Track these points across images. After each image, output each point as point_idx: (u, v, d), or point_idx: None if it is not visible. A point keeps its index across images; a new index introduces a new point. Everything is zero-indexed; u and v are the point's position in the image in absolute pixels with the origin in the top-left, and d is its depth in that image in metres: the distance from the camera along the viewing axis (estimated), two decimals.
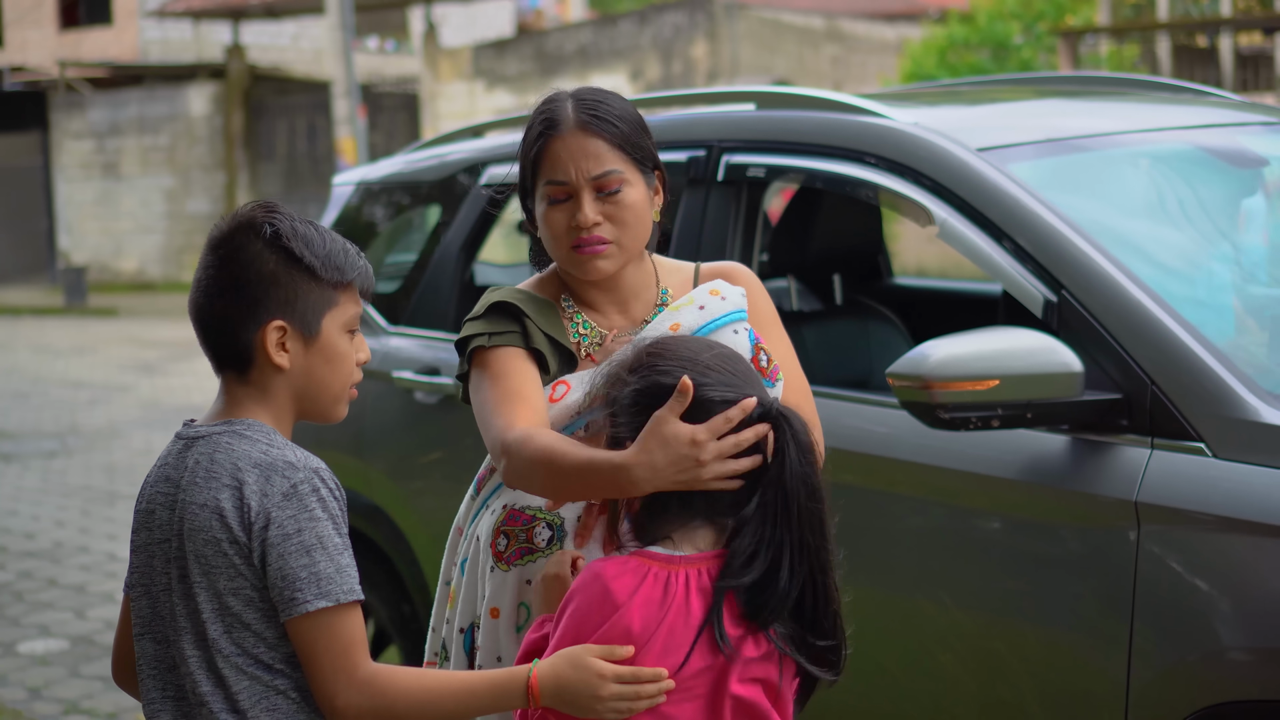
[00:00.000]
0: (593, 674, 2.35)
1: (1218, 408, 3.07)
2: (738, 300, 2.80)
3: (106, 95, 31.60)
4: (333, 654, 2.36)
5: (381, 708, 2.37)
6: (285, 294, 2.47)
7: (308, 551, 2.36)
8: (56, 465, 11.38)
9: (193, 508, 2.42)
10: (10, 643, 6.79)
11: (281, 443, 2.46)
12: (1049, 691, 3.26)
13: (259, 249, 2.47)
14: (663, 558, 2.41)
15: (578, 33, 27.86)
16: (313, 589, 2.35)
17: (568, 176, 2.75)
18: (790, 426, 2.40)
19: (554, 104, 2.81)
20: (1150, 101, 4.52)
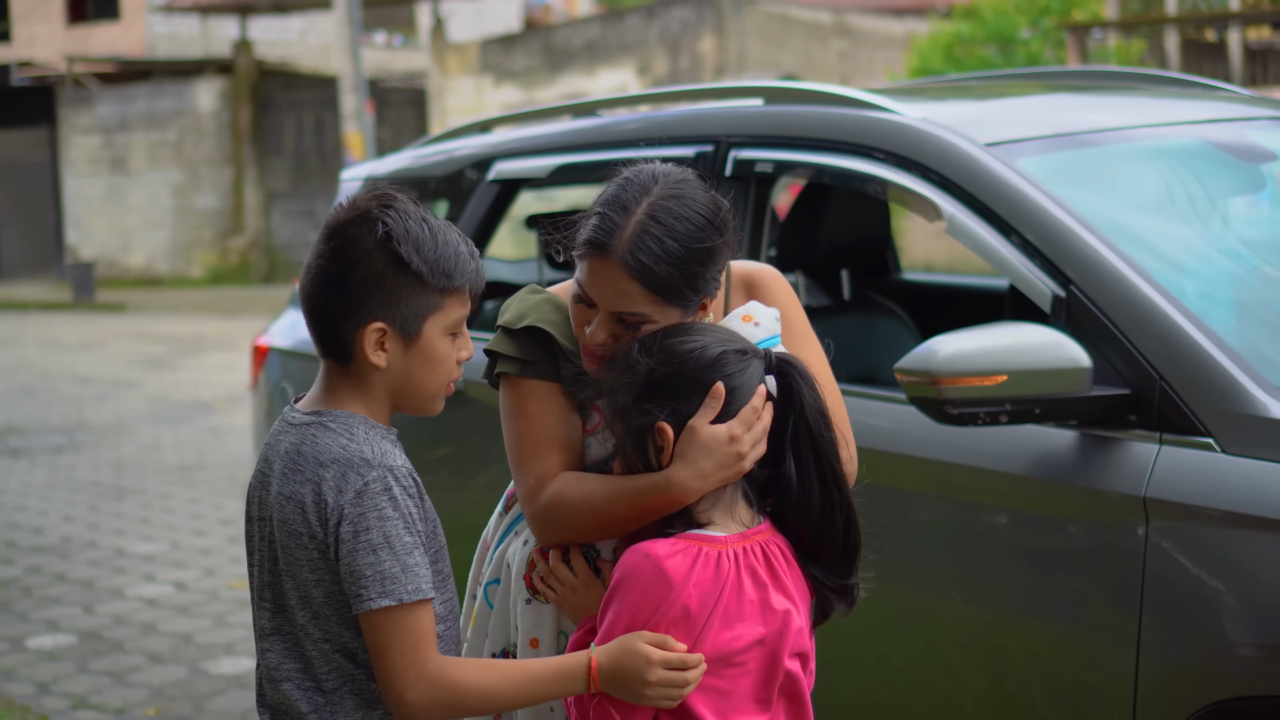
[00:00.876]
0: (641, 659, 2.39)
1: (1226, 403, 3.06)
2: (771, 325, 2.71)
3: (114, 90, 31.64)
4: (401, 649, 2.40)
5: (450, 700, 2.42)
6: (389, 297, 2.47)
7: (374, 550, 2.39)
8: (64, 460, 11.39)
9: (280, 498, 2.48)
10: (18, 638, 6.80)
11: (364, 437, 2.48)
12: (1057, 686, 3.25)
13: (369, 247, 2.47)
14: (710, 538, 2.46)
15: (585, 27, 27.86)
16: (376, 587, 2.38)
17: (594, 297, 2.61)
18: (794, 368, 2.53)
19: (620, 212, 2.57)
20: (1158, 96, 4.51)
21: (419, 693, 2.40)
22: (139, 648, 6.60)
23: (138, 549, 8.42)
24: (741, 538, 2.48)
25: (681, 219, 2.56)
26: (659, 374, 2.47)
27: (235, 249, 30.40)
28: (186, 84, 31.02)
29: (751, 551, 2.48)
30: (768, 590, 2.47)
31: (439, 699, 2.41)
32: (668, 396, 2.47)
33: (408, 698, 2.40)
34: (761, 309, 2.74)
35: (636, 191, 2.58)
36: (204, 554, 8.24)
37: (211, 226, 30.83)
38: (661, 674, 2.39)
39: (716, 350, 2.48)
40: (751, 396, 2.49)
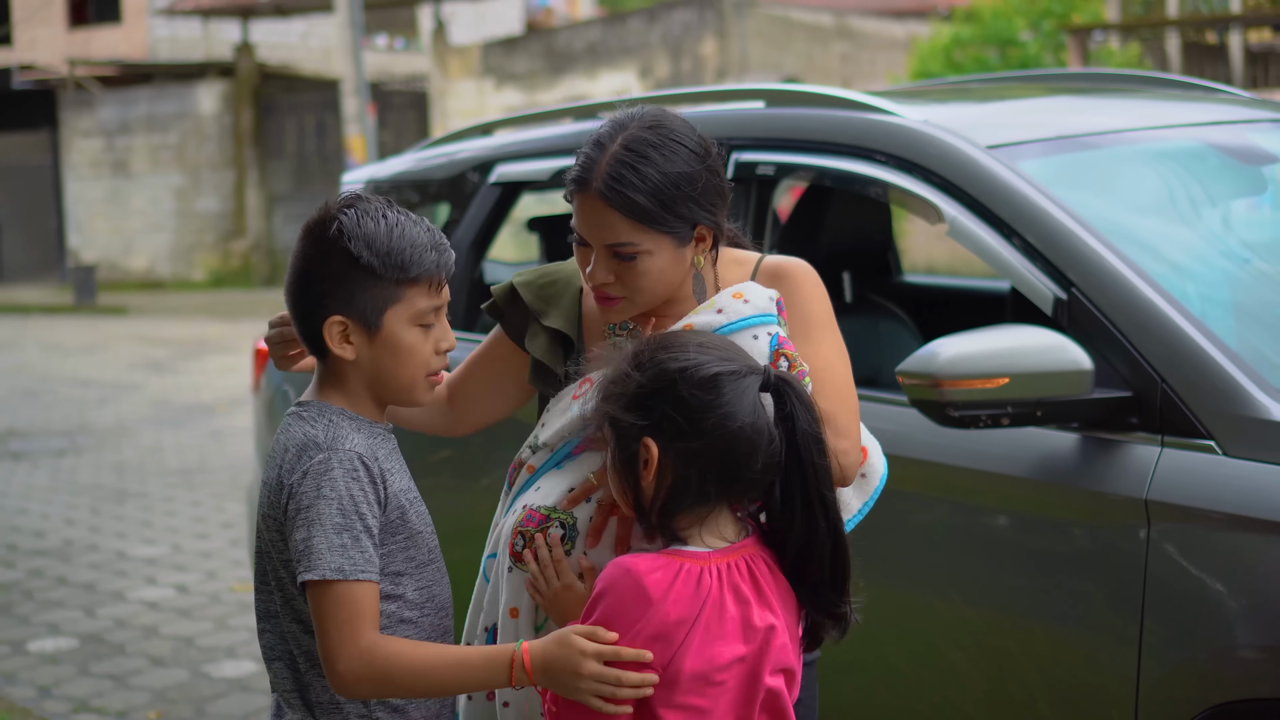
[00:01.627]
0: (574, 650, 2.38)
1: (1228, 405, 3.06)
2: (763, 304, 2.73)
3: (116, 93, 31.65)
4: (334, 623, 2.48)
5: (378, 674, 2.47)
6: (344, 291, 2.58)
7: (308, 526, 2.50)
8: (66, 464, 11.40)
9: (261, 486, 2.63)
10: (20, 641, 6.80)
11: (326, 424, 2.59)
12: (1058, 689, 3.25)
13: (326, 246, 2.58)
14: (692, 554, 2.43)
15: (587, 30, 27.88)
16: (305, 562, 2.49)
17: (585, 236, 2.71)
18: (792, 389, 2.47)
19: (599, 149, 2.69)
20: (1160, 98, 4.51)
21: (349, 665, 2.47)
22: (140, 651, 6.60)
23: (139, 552, 8.42)
24: (725, 553, 2.45)
25: (657, 147, 2.66)
26: (647, 390, 2.44)
27: (237, 252, 30.40)
28: (188, 87, 31.03)
29: (735, 567, 2.44)
30: (750, 607, 2.43)
31: (368, 673, 2.47)
32: (655, 413, 2.43)
33: (338, 669, 2.47)
34: (755, 288, 2.75)
35: (614, 129, 2.70)
36: (205, 557, 8.24)
37: (213, 229, 30.84)
38: (594, 668, 2.37)
39: (711, 370, 2.42)
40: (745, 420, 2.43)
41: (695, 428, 2.41)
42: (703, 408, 2.41)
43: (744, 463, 2.42)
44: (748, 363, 2.47)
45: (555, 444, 2.77)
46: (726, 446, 2.41)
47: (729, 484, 2.44)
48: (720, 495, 2.46)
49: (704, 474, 2.42)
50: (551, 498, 2.72)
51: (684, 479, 2.43)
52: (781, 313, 2.76)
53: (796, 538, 2.48)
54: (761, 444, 2.42)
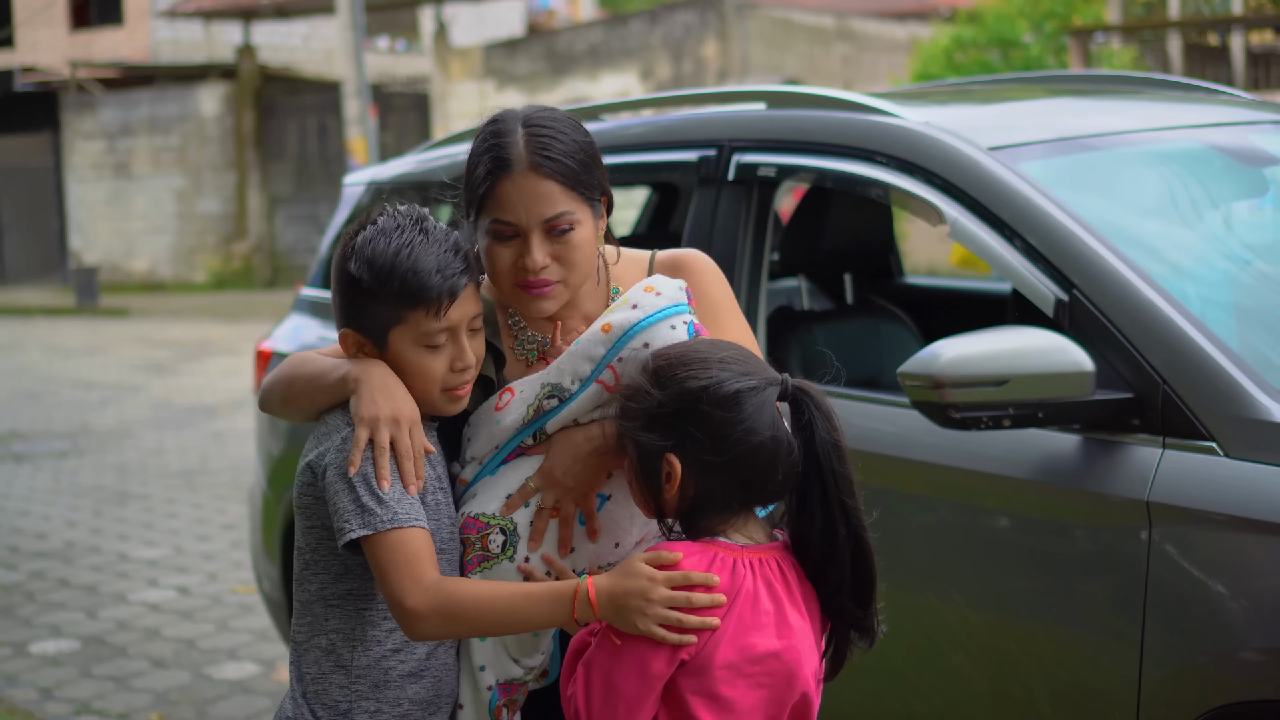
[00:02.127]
0: (644, 577, 2.39)
1: (1229, 407, 3.06)
2: (674, 294, 2.75)
3: (118, 95, 31.66)
4: (395, 566, 2.51)
5: (444, 608, 2.50)
6: (350, 308, 2.67)
7: (352, 488, 2.55)
8: (68, 465, 11.40)
9: (300, 464, 2.70)
10: (22, 643, 6.80)
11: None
12: (1060, 690, 3.25)
13: (339, 261, 2.67)
14: (725, 545, 2.45)
15: (588, 32, 27.88)
16: (358, 519, 2.54)
17: (517, 219, 2.67)
18: (811, 398, 2.49)
19: (504, 137, 2.69)
20: (1161, 100, 4.51)
21: (417, 600, 2.49)
22: (142, 653, 6.60)
23: (141, 554, 8.42)
24: (755, 549, 2.47)
25: (557, 120, 2.72)
26: (669, 409, 2.45)
27: (238, 254, 30.40)
28: (190, 89, 31.03)
29: (767, 564, 2.46)
30: (784, 605, 2.45)
31: (437, 606, 2.49)
32: (677, 432, 2.44)
33: (408, 605, 2.50)
34: (665, 281, 2.77)
35: (508, 119, 2.72)
36: (207, 559, 8.24)
37: (215, 231, 30.85)
38: (665, 592, 2.38)
39: (732, 387, 2.43)
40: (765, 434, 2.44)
41: (717, 445, 2.42)
42: (724, 424, 2.42)
43: (766, 475, 2.45)
44: (766, 374, 2.49)
45: (484, 455, 2.77)
46: (749, 461, 2.43)
47: (752, 494, 2.48)
48: (744, 504, 2.49)
49: (728, 486, 2.45)
50: (491, 505, 2.72)
51: (707, 491, 2.46)
52: (690, 301, 2.78)
53: (816, 544, 2.49)
54: (782, 455, 2.45)
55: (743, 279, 4.04)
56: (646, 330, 2.68)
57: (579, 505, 2.71)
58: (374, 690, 2.67)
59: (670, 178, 4.90)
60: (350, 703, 2.66)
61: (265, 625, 6.81)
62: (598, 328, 2.70)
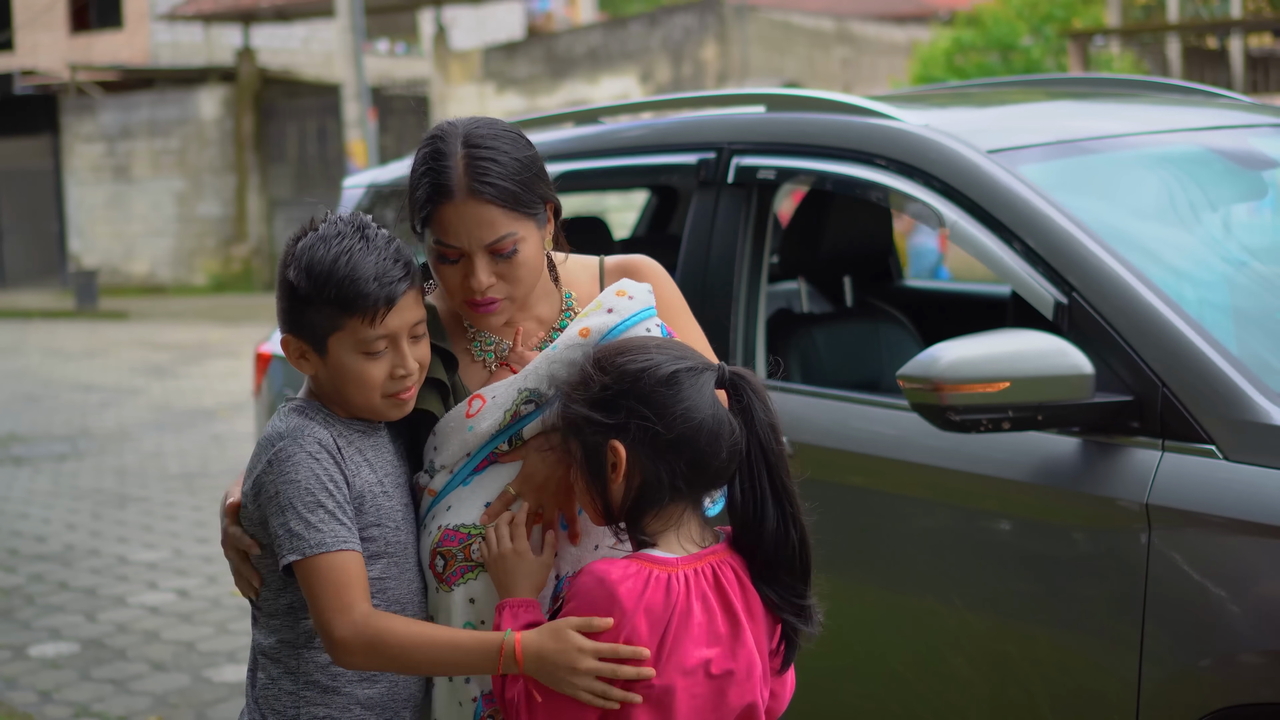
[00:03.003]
0: (572, 647, 2.39)
1: (1229, 410, 3.06)
2: (645, 298, 2.76)
3: (117, 98, 31.65)
4: (325, 594, 2.53)
5: (371, 644, 2.51)
6: (290, 314, 2.66)
7: (280, 511, 2.56)
8: (67, 468, 11.40)
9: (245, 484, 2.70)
10: (21, 646, 6.80)
11: (296, 418, 2.65)
12: (1060, 694, 3.25)
13: (280, 267, 2.67)
14: (661, 560, 2.45)
15: (587, 35, 27.88)
16: (288, 544, 2.55)
17: (460, 243, 2.66)
18: (747, 382, 2.52)
19: (443, 160, 2.67)
20: (1160, 103, 4.51)
21: (343, 633, 2.50)
22: (141, 655, 6.60)
23: (140, 557, 8.42)
24: (692, 559, 2.47)
25: (496, 137, 2.69)
26: (611, 390, 2.47)
27: (238, 256, 30.41)
28: (189, 92, 31.03)
29: (702, 574, 2.46)
30: (715, 616, 2.45)
31: (361, 642, 2.50)
32: (621, 413, 2.46)
33: (335, 636, 2.51)
34: (634, 284, 2.78)
35: (447, 138, 2.69)
36: (206, 561, 8.24)
37: (214, 234, 30.84)
38: (592, 664, 2.38)
39: (670, 369, 2.47)
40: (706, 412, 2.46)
41: (661, 423, 2.44)
42: (665, 403, 2.44)
43: (709, 452, 2.46)
44: (701, 360, 2.52)
45: (455, 463, 2.75)
46: (691, 439, 2.44)
47: (696, 475, 2.47)
48: (690, 489, 2.48)
49: (673, 468, 2.45)
50: (470, 514, 2.71)
51: (654, 477, 2.46)
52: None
53: (768, 528, 2.49)
54: (724, 433, 2.47)
55: (742, 281, 4.05)
56: (625, 333, 2.68)
57: (561, 509, 2.70)
58: (322, 696, 2.67)
59: (669, 180, 4.91)
60: (298, 709, 2.67)
61: None
62: (574, 332, 2.70)
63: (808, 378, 4.57)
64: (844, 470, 3.74)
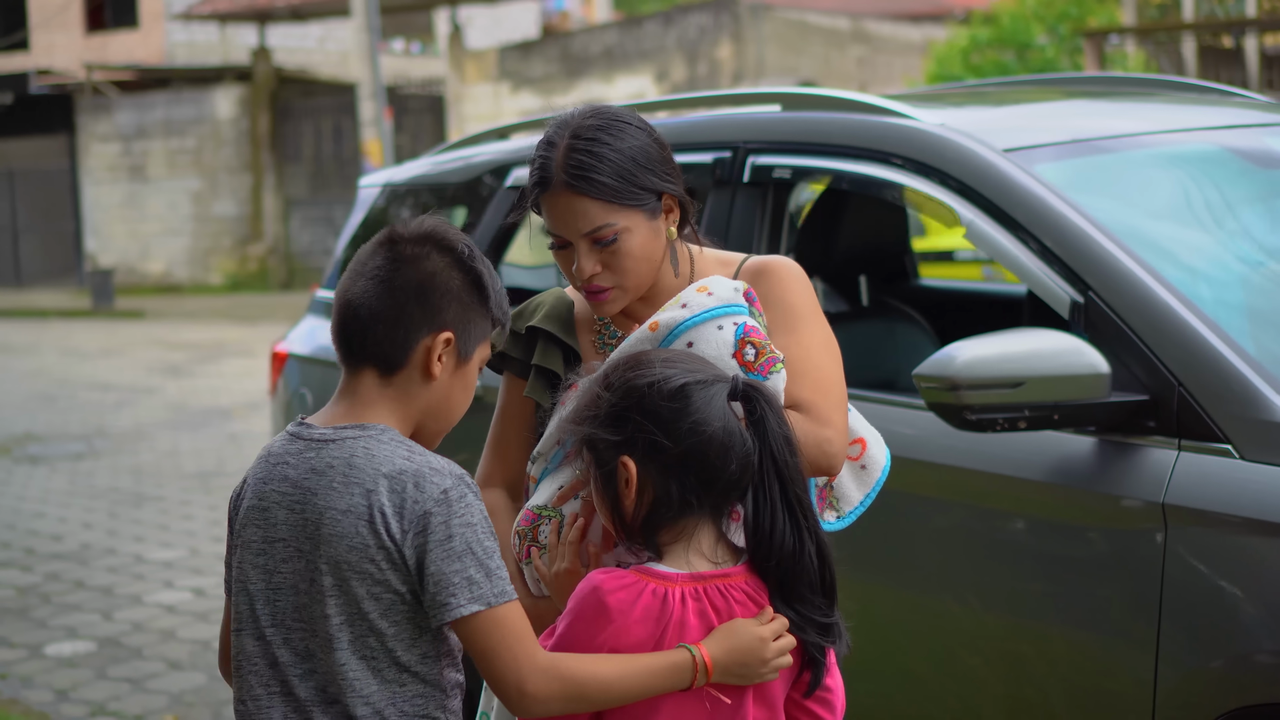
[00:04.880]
0: (755, 638, 2.43)
1: (1245, 409, 3.06)
2: (728, 295, 2.72)
3: (133, 98, 31.72)
4: (507, 646, 2.39)
5: (571, 691, 2.40)
6: (464, 313, 2.52)
7: (459, 557, 2.38)
8: (84, 467, 11.42)
9: (332, 513, 2.42)
10: (37, 645, 6.82)
11: (419, 449, 2.47)
12: (1075, 693, 3.25)
13: (447, 263, 2.51)
14: (660, 574, 2.44)
15: (603, 34, 27.89)
16: (465, 593, 2.37)
17: (561, 232, 2.74)
18: (760, 395, 2.48)
19: (549, 150, 2.74)
20: (1176, 102, 4.50)
21: (538, 684, 2.38)
22: (158, 654, 6.61)
23: (156, 555, 8.44)
24: (694, 578, 2.44)
25: (603, 129, 2.74)
26: (619, 407, 2.46)
27: (254, 256, 30.46)
28: (205, 91, 31.09)
29: (706, 594, 2.44)
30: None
31: (559, 689, 2.39)
32: (629, 428, 2.44)
33: (528, 690, 2.38)
34: (722, 281, 2.75)
35: (559, 128, 2.76)
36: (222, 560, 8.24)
37: (230, 233, 30.89)
38: (776, 645, 2.43)
39: (679, 381, 2.44)
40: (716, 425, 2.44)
41: (669, 437, 2.42)
42: (674, 416, 2.42)
43: (720, 465, 2.43)
44: (714, 373, 2.50)
45: (548, 451, 2.79)
46: (700, 451, 2.42)
47: (707, 489, 2.45)
48: (702, 503, 2.46)
49: (683, 482, 2.43)
50: (544, 497, 2.74)
51: (664, 492, 2.44)
52: (755, 304, 2.76)
53: (784, 542, 2.46)
54: (735, 445, 2.44)
55: None
56: (692, 329, 2.66)
57: None
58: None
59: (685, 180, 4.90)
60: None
61: None
62: (646, 325, 2.71)
63: None
64: None
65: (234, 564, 2.58)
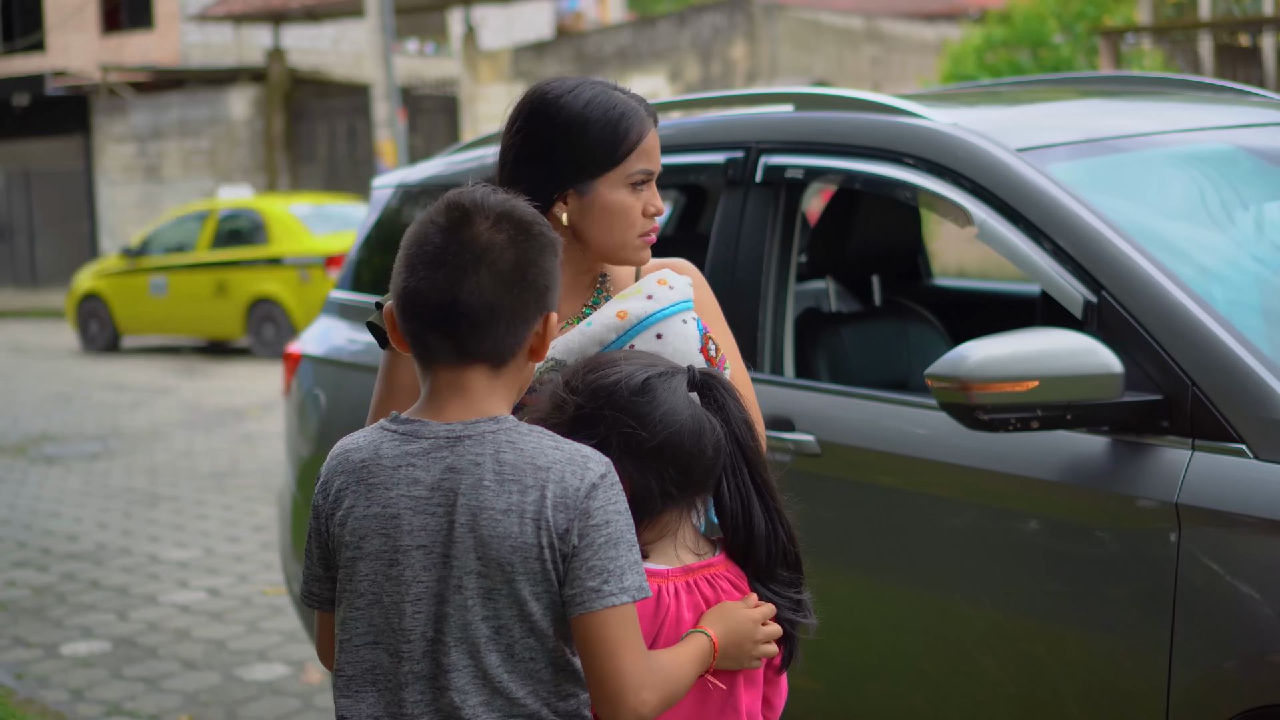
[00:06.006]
0: (748, 619, 2.44)
1: (1259, 409, 3.05)
2: (685, 290, 2.78)
3: (148, 99, 31.78)
4: (634, 644, 2.29)
5: (669, 690, 2.34)
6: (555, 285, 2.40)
7: (615, 544, 2.29)
8: (99, 467, 11.45)
9: (489, 513, 2.28)
10: (53, 644, 6.83)
11: (560, 437, 2.36)
12: (1089, 694, 3.24)
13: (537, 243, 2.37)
14: (653, 571, 2.44)
15: (617, 34, 27.89)
16: (617, 582, 2.27)
17: (654, 167, 2.77)
18: (718, 381, 2.52)
19: (626, 96, 2.77)
20: (1191, 101, 4.49)
21: (655, 690, 2.31)
22: (173, 654, 6.62)
23: (171, 555, 8.45)
24: (684, 571, 2.47)
25: None
26: (587, 409, 2.45)
27: None
28: (220, 92, 31.14)
29: (696, 586, 2.46)
30: None
31: (664, 691, 2.33)
32: (601, 428, 2.43)
33: (645, 696, 2.29)
34: (676, 276, 2.81)
35: (605, 81, 2.81)
36: (237, 560, 8.27)
37: None
38: (766, 630, 2.45)
39: (641, 377, 2.45)
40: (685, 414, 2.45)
41: (645, 429, 2.43)
42: (645, 410, 2.43)
43: (695, 452, 2.45)
44: (669, 365, 2.52)
45: None
46: (675, 441, 2.43)
47: (686, 477, 2.46)
48: (682, 493, 2.47)
49: (662, 474, 2.44)
50: None
51: (643, 487, 2.44)
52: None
53: (758, 523, 2.50)
54: (706, 431, 2.46)
55: (770, 281, 4.04)
56: (661, 321, 2.70)
57: None
58: None
59: (698, 180, 4.90)
60: None
61: (295, 627, 6.83)
62: (612, 313, 2.71)
63: (836, 377, 4.57)
64: (872, 470, 3.73)
65: (355, 576, 2.37)
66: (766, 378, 3.98)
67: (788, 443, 3.83)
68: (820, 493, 3.80)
